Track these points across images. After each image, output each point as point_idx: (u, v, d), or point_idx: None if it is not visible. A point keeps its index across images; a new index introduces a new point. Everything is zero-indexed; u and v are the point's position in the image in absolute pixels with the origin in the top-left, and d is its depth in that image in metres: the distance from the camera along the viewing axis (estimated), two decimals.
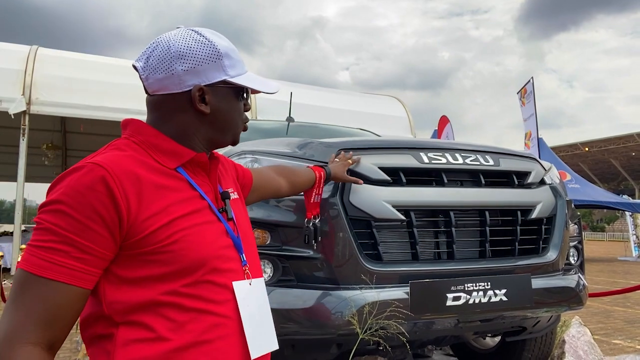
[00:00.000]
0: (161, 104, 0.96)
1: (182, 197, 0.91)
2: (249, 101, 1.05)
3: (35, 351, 0.77)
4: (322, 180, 1.71)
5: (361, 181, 1.85)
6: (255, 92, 1.04)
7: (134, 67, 0.98)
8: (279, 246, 1.83)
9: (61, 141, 12.64)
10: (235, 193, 1.10)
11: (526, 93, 11.46)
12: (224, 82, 0.97)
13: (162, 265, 0.85)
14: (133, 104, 8.44)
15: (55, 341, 0.81)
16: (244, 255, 0.98)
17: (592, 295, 4.06)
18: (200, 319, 0.87)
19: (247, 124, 1.06)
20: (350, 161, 1.86)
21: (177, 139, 0.95)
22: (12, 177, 8.71)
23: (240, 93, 1.01)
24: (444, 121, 13.97)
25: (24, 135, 8.26)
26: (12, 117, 8.05)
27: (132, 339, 0.84)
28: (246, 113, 1.06)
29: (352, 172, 1.89)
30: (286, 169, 1.59)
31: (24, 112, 8.17)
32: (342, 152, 1.92)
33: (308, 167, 1.71)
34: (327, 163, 1.82)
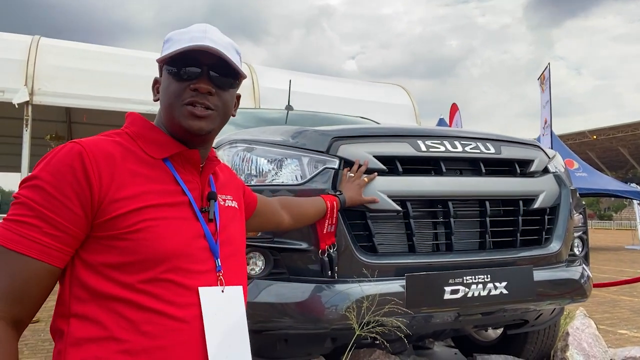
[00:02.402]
0: None
1: (161, 188, 0.88)
2: (202, 80, 0.92)
3: (1, 323, 0.76)
4: (335, 210, 1.64)
5: (378, 200, 1.76)
6: (202, 56, 0.90)
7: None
8: (270, 238, 1.77)
9: (66, 131, 12.65)
10: (235, 202, 1.06)
11: (545, 79, 11.25)
12: (159, 65, 0.97)
13: (121, 253, 0.82)
14: (137, 94, 8.39)
15: (21, 318, 0.79)
16: (219, 260, 0.92)
17: (598, 285, 3.99)
18: (157, 321, 0.82)
19: (195, 107, 0.92)
20: (365, 179, 1.76)
21: (168, 133, 0.96)
22: (17, 168, 8.72)
23: (177, 72, 0.92)
24: (454, 109, 13.83)
25: (27, 125, 8.24)
26: (16, 107, 8.03)
27: (83, 338, 0.80)
28: (205, 94, 0.92)
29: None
30: (292, 202, 1.52)
31: (26, 103, 8.15)
32: (347, 171, 1.79)
33: (321, 196, 1.63)
34: (340, 192, 1.71)
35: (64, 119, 11.60)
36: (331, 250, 1.69)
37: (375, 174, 1.81)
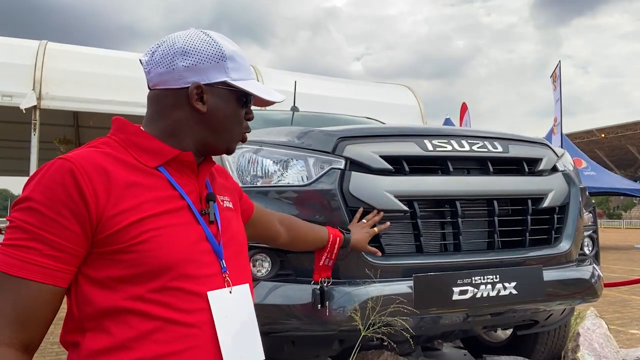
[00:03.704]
0: (159, 99, 0.95)
1: (158, 196, 0.86)
2: (251, 110, 1.01)
3: (10, 352, 0.75)
4: (337, 246, 1.59)
5: (379, 253, 1.73)
6: (259, 102, 1.01)
7: (140, 61, 0.99)
8: None
9: (74, 135, 12.72)
10: (231, 203, 1.05)
11: (556, 77, 11.18)
12: (225, 83, 0.94)
13: (127, 266, 0.81)
14: (144, 98, 8.38)
15: (30, 342, 0.79)
16: (224, 261, 0.91)
17: (608, 285, 3.94)
18: (167, 328, 0.82)
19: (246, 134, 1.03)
20: (375, 229, 1.71)
21: (165, 137, 0.93)
22: (26, 172, 8.79)
23: (242, 99, 0.97)
24: (464, 108, 13.81)
25: (35, 130, 8.29)
26: (24, 112, 8.09)
27: (96, 349, 0.80)
28: (249, 122, 1.02)
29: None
30: (292, 221, 1.48)
31: (34, 107, 8.21)
32: (361, 219, 1.72)
33: (327, 227, 1.59)
34: (348, 231, 1.66)
35: (71, 123, 11.68)
36: (324, 284, 1.67)
37: (388, 223, 1.76)
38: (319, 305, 1.66)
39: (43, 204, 0.78)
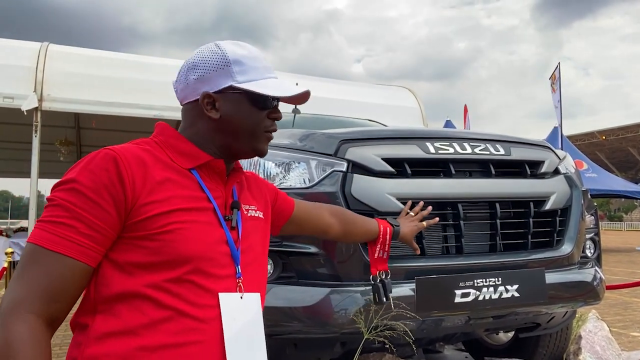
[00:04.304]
0: (186, 112, 1.02)
1: (187, 194, 0.92)
2: (276, 109, 1.02)
3: (38, 322, 0.78)
4: (388, 237, 1.56)
5: (419, 251, 1.67)
6: (289, 100, 1.02)
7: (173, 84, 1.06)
8: (279, 242, 1.76)
9: (75, 137, 12.72)
10: (260, 212, 1.08)
11: (556, 79, 11.18)
12: (232, 87, 0.97)
13: (149, 253, 0.85)
14: (144, 100, 8.41)
15: (56, 317, 0.82)
16: (239, 267, 0.95)
17: (610, 287, 3.94)
18: (177, 320, 0.85)
19: (272, 133, 1.03)
20: (424, 224, 1.66)
21: (196, 144, 0.98)
22: (26, 174, 8.77)
23: (257, 100, 0.98)
24: (465, 110, 13.85)
25: (36, 131, 8.29)
26: (25, 113, 8.10)
27: (105, 332, 0.83)
28: (276, 122, 1.03)
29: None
30: (345, 214, 1.47)
31: (35, 109, 8.21)
32: (408, 211, 1.65)
33: (376, 219, 1.56)
34: (397, 223, 1.61)
35: (72, 124, 11.68)
36: (383, 276, 1.61)
37: (437, 218, 1.69)
38: (384, 299, 1.60)
39: (87, 187, 0.83)
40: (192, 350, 0.85)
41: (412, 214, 1.67)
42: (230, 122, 0.98)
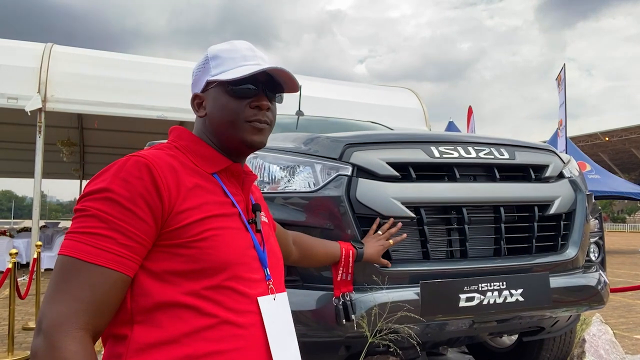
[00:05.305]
0: (196, 118, 1.05)
1: (217, 200, 0.92)
2: (259, 97, 0.98)
3: (87, 337, 0.77)
4: (351, 260, 1.60)
5: (390, 264, 1.72)
6: (289, 88, 1.04)
7: None
8: None
9: (78, 137, 12.76)
10: (267, 219, 1.10)
11: (561, 80, 11.17)
12: (209, 82, 0.99)
13: (187, 261, 0.84)
14: (148, 100, 8.45)
15: (99, 331, 0.80)
16: (268, 269, 0.96)
17: (614, 290, 3.93)
18: (219, 327, 0.85)
19: (259, 123, 0.99)
20: (391, 242, 1.70)
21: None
22: (31, 174, 8.81)
23: (235, 90, 0.97)
24: (470, 112, 13.81)
25: (40, 132, 8.32)
26: (29, 114, 8.12)
27: (147, 343, 0.81)
28: (264, 111, 0.99)
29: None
30: (303, 239, 1.50)
31: (39, 110, 8.24)
32: (376, 226, 1.72)
33: (339, 242, 1.60)
34: (361, 245, 1.66)
35: (75, 125, 11.71)
36: (347, 298, 1.65)
37: (404, 235, 1.74)
38: (344, 320, 1.64)
39: (122, 196, 0.81)
40: (234, 357, 0.85)
41: (379, 232, 1.71)
42: (213, 117, 0.99)
